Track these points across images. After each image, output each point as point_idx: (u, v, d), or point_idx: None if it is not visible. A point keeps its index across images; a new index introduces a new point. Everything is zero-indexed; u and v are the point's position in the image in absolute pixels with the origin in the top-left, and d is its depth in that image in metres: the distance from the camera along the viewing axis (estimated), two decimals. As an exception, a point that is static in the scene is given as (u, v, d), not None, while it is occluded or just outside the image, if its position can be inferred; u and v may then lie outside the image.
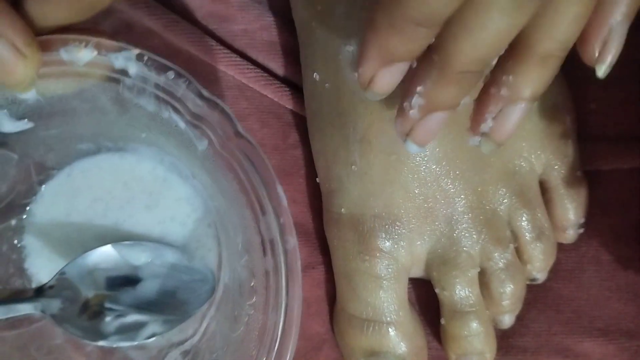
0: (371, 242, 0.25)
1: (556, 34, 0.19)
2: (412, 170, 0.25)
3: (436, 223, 0.26)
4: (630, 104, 0.28)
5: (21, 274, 0.27)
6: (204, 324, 0.26)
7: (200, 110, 0.20)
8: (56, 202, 0.27)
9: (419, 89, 0.20)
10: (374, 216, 0.25)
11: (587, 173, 0.28)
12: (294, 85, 0.29)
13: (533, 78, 0.20)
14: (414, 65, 0.20)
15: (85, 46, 0.20)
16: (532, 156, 0.27)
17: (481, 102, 0.21)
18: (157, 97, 0.20)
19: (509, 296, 0.26)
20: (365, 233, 0.25)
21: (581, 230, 0.28)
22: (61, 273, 0.24)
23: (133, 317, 0.25)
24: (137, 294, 0.25)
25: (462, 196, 0.26)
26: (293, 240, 0.19)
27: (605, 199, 0.28)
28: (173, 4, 0.29)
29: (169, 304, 0.25)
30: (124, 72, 0.20)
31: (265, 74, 0.29)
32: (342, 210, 0.26)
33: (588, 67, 0.28)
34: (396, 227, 0.25)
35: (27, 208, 0.27)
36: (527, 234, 0.26)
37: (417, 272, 0.27)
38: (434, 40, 0.19)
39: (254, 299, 0.20)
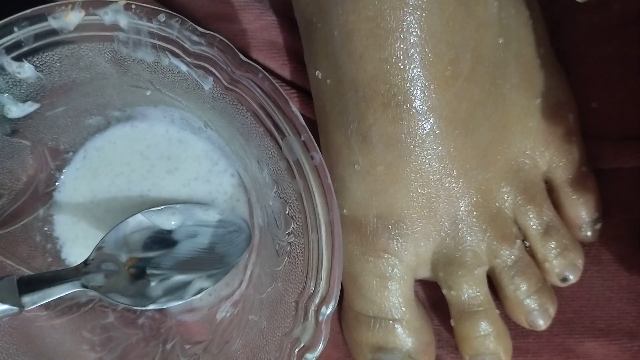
0: (375, 243, 0.25)
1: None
2: (414, 169, 0.24)
3: (440, 223, 0.25)
4: (631, 103, 0.27)
5: (60, 263, 0.27)
6: (248, 272, 0.26)
7: (198, 48, 0.19)
8: (78, 187, 0.27)
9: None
10: (376, 217, 0.25)
11: (588, 172, 0.28)
12: (298, 86, 0.28)
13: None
14: None
15: (72, 8, 0.20)
16: (536, 153, 0.26)
17: None
18: (154, 46, 0.20)
19: (523, 293, 0.25)
20: (369, 234, 0.25)
21: (598, 227, 0.27)
22: (98, 247, 0.24)
23: (177, 278, 0.25)
24: (176, 255, 0.25)
25: (465, 195, 0.25)
26: (318, 156, 0.19)
27: (606, 198, 0.27)
28: (173, 4, 0.28)
29: (209, 260, 0.25)
30: (116, 27, 0.20)
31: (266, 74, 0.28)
32: (344, 211, 0.25)
33: (588, 66, 0.27)
34: (400, 228, 0.25)
35: (51, 197, 0.27)
36: (535, 230, 0.26)
37: (424, 273, 0.26)
38: None
39: (292, 226, 0.20)
